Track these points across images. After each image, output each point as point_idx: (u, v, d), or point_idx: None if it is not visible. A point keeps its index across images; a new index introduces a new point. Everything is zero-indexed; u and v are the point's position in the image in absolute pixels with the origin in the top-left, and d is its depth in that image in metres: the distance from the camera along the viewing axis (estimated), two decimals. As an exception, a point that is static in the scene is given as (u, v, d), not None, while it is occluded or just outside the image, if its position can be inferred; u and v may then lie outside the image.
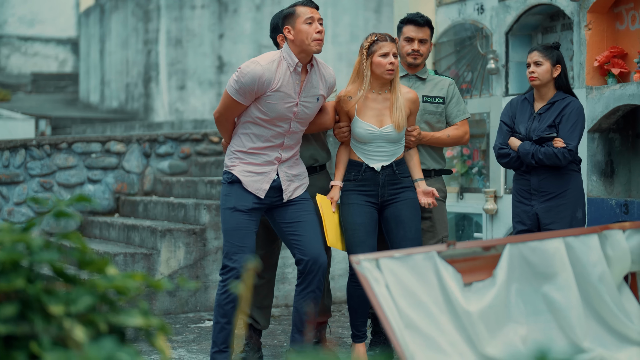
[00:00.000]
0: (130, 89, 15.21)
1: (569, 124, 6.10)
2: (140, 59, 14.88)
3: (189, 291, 7.93)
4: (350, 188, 5.76)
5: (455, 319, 4.16)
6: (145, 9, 14.78)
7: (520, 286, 4.37)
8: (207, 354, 6.32)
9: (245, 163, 5.54)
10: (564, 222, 6.07)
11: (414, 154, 5.87)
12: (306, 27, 5.36)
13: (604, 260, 4.48)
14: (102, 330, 2.39)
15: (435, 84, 6.21)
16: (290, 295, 8.32)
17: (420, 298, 4.12)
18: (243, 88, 5.31)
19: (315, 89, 5.52)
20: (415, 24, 6.19)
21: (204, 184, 9.06)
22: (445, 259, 4.24)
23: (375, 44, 5.62)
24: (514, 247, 4.37)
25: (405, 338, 3.96)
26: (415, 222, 5.77)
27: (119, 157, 9.66)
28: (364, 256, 4.13)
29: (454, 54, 9.09)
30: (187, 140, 9.97)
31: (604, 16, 7.55)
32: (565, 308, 4.36)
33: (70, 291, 2.41)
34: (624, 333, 4.43)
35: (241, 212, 5.52)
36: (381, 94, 5.69)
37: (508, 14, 8.28)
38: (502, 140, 6.28)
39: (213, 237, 8.07)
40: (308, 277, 5.53)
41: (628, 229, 4.56)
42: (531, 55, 6.21)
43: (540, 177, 6.13)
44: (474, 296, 4.25)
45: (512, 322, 4.32)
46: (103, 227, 9.15)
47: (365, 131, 5.64)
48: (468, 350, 4.12)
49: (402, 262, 4.16)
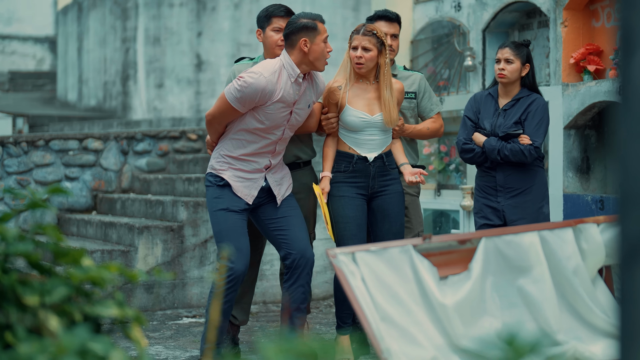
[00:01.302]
0: (108, 87, 15.16)
1: (534, 121, 6.11)
2: (118, 57, 14.83)
3: (166, 288, 7.92)
4: (340, 180, 5.73)
5: (430, 312, 4.18)
6: (123, 7, 14.74)
7: (496, 279, 4.40)
8: (184, 350, 6.33)
9: (234, 169, 5.56)
10: (531, 218, 6.08)
11: (397, 142, 5.87)
12: (323, 45, 5.40)
13: (579, 254, 4.51)
14: (77, 320, 2.40)
15: (406, 79, 6.22)
16: (268, 292, 8.33)
17: (396, 291, 4.14)
18: (244, 98, 5.32)
19: (308, 97, 5.57)
20: (386, 20, 6.20)
21: (181, 182, 9.05)
22: (421, 252, 4.27)
23: (351, 36, 5.63)
24: (489, 241, 4.39)
25: (381, 330, 3.98)
26: (400, 216, 5.79)
27: (96, 155, 9.64)
28: (340, 250, 4.15)
29: (431, 52, 9.12)
30: (165, 138, 9.96)
31: (579, 13, 7.59)
32: (540, 301, 4.39)
33: (45, 282, 2.42)
34: (598, 326, 4.46)
35: (234, 212, 5.55)
36: (369, 85, 5.69)
37: (485, 12, 8.31)
38: (465, 135, 6.26)
39: (191, 234, 8.07)
40: (296, 272, 5.56)
41: (602, 222, 4.60)
42: (502, 52, 6.20)
43: (506, 173, 6.13)
44: (449, 289, 4.28)
45: (487, 315, 4.34)
46: (80, 225, 9.12)
47: (357, 119, 5.63)
48: (443, 343, 4.15)
49: (378, 255, 4.18)
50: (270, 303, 8.31)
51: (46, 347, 2.16)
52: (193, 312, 7.85)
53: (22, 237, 2.46)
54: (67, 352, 2.06)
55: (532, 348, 1.58)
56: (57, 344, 2.07)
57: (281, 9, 6.00)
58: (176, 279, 7.92)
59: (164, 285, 7.90)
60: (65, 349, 2.06)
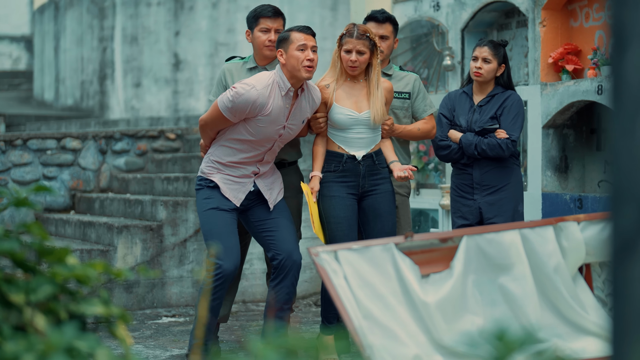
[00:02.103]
0: (85, 87, 15.10)
1: (510, 116, 6.15)
2: (95, 56, 14.78)
3: (145, 287, 7.91)
4: (331, 179, 5.73)
5: (412, 310, 4.20)
6: (101, 6, 14.69)
7: (477, 277, 4.42)
8: (164, 350, 6.32)
9: (223, 174, 5.63)
10: (507, 216, 6.12)
11: (387, 141, 5.88)
12: (298, 53, 5.41)
13: (559, 252, 4.54)
14: (62, 318, 2.40)
15: (400, 80, 6.24)
16: (248, 291, 8.33)
17: (378, 289, 4.15)
18: (235, 108, 5.37)
19: (303, 113, 5.60)
20: (375, 21, 6.23)
21: (160, 181, 9.03)
22: (402, 250, 4.28)
23: (343, 38, 5.64)
24: (470, 239, 4.41)
25: (364, 328, 3.99)
26: (392, 215, 5.81)
27: (74, 154, 9.60)
28: (322, 248, 4.16)
29: (410, 51, 9.14)
30: (144, 137, 9.94)
31: (558, 13, 7.63)
32: (521, 299, 4.41)
33: (30, 280, 2.42)
34: (579, 323, 4.49)
35: (224, 212, 5.60)
36: (358, 83, 5.71)
37: (464, 11, 8.34)
38: (441, 132, 6.29)
39: (170, 234, 8.05)
40: (282, 273, 5.61)
41: (583, 221, 4.62)
42: (481, 50, 6.21)
43: (483, 170, 6.16)
44: (431, 287, 4.29)
45: (468, 313, 4.36)
46: (59, 224, 9.09)
47: (345, 116, 5.64)
48: (425, 341, 4.16)
49: (360, 254, 4.20)
50: (250, 302, 8.31)
51: (33, 345, 2.16)
52: (172, 312, 7.83)
53: (7, 235, 2.46)
54: (56, 349, 2.06)
55: (522, 343, 1.60)
56: (46, 342, 2.07)
57: (269, 9, 6.03)
58: (155, 279, 7.90)
59: (143, 284, 7.89)
60: (53, 346, 2.06)
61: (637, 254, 1.35)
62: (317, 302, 8.29)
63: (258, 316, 7.75)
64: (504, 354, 1.59)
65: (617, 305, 1.40)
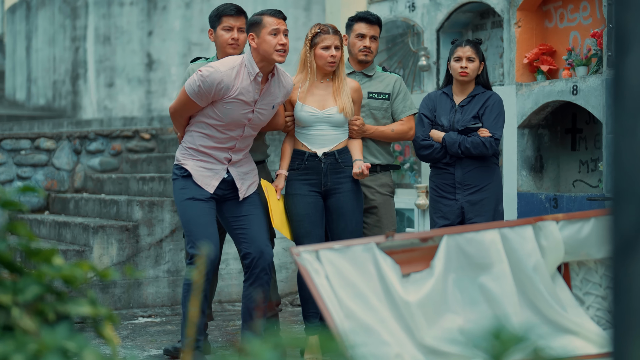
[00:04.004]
0: (57, 86, 15.03)
1: (492, 115, 6.19)
2: (67, 56, 14.71)
3: (121, 287, 7.88)
4: (293, 177, 5.82)
5: (394, 309, 4.21)
6: (73, 6, 14.63)
7: (457, 277, 4.44)
8: (142, 350, 6.31)
9: (195, 159, 5.62)
10: (488, 216, 6.15)
11: (356, 140, 5.92)
12: (270, 37, 5.41)
13: (538, 251, 4.57)
14: (50, 319, 2.40)
15: (381, 81, 6.27)
16: (224, 292, 8.33)
17: (359, 289, 4.16)
18: (201, 91, 5.38)
19: (273, 98, 5.60)
20: (367, 22, 6.26)
21: (135, 181, 9.01)
22: (384, 250, 4.30)
23: (318, 36, 5.68)
24: (451, 239, 4.43)
25: (346, 328, 4.00)
26: (356, 214, 5.84)
27: (48, 154, 9.56)
28: (303, 248, 4.17)
29: (386, 51, 9.17)
30: (118, 137, 9.91)
31: (533, 14, 7.68)
32: (501, 298, 4.44)
33: (17, 281, 2.41)
34: (558, 322, 4.52)
35: (201, 201, 5.61)
36: (323, 82, 5.77)
37: (439, 12, 8.38)
38: (422, 132, 6.31)
39: (146, 234, 8.04)
40: (254, 271, 5.62)
41: (561, 220, 4.65)
42: (464, 50, 6.23)
43: (465, 170, 6.19)
44: (412, 287, 4.31)
45: (449, 312, 4.38)
46: (33, 225, 9.05)
47: (307, 114, 5.70)
48: (407, 340, 4.18)
49: (342, 253, 4.21)
50: (226, 302, 8.31)
51: (22, 345, 2.16)
52: (149, 312, 7.82)
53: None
54: (50, 349, 2.06)
55: (519, 340, 1.61)
56: (39, 342, 2.07)
57: (231, 7, 6.05)
58: (131, 279, 7.88)
59: (119, 284, 7.86)
60: (47, 346, 2.07)
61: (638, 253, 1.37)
62: (293, 302, 8.30)
63: (234, 316, 7.75)
64: (500, 352, 1.61)
65: (618, 304, 1.42)
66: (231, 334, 6.95)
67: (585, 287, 4.78)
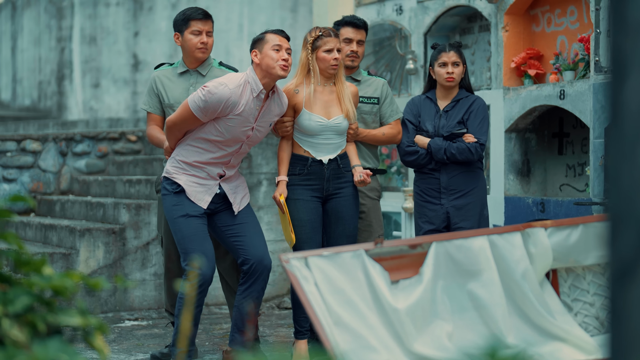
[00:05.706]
0: (43, 87, 14.98)
1: (477, 120, 6.20)
2: (53, 56, 14.67)
3: (108, 291, 7.86)
4: (295, 183, 5.80)
5: (383, 316, 4.21)
6: (59, 6, 14.58)
7: (446, 283, 4.44)
8: (128, 354, 6.29)
9: (189, 174, 5.61)
10: (473, 220, 6.16)
11: (351, 145, 5.94)
12: (272, 52, 5.44)
13: (527, 258, 4.58)
14: (40, 330, 2.38)
15: (369, 85, 6.29)
16: (210, 294, 8.30)
17: (348, 296, 4.16)
18: (207, 107, 5.35)
19: (271, 116, 5.61)
20: (353, 26, 6.28)
21: (122, 183, 8.98)
22: (372, 257, 4.29)
23: (320, 39, 5.68)
24: (439, 245, 4.44)
25: (335, 335, 4.00)
26: (354, 219, 5.87)
27: (34, 156, 9.52)
28: (292, 255, 4.16)
29: (373, 54, 9.17)
30: (105, 139, 9.88)
31: (520, 18, 7.69)
32: (490, 304, 4.44)
33: (7, 291, 2.40)
34: (546, 328, 4.53)
35: (195, 217, 5.61)
36: (326, 86, 5.77)
37: (427, 15, 8.38)
38: (407, 138, 6.30)
39: (132, 237, 8.01)
40: (252, 277, 5.63)
41: (550, 227, 4.67)
42: (449, 55, 6.22)
43: (450, 174, 6.18)
44: (401, 293, 4.31)
45: (438, 319, 4.39)
46: (19, 227, 9.01)
47: (315, 123, 5.69)
48: (396, 347, 4.18)
49: (331, 260, 4.21)
50: (213, 305, 8.29)
51: (12, 357, 2.15)
52: (135, 315, 7.80)
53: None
54: (42, 364, 2.05)
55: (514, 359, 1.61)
56: (31, 356, 2.06)
57: (199, 11, 6.04)
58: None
59: (106, 288, 7.83)
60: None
61: (637, 278, 1.37)
62: (280, 305, 8.29)
63: (221, 319, 7.73)
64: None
65: (616, 330, 1.42)
66: (218, 338, 6.94)
67: (574, 293, 4.79)
